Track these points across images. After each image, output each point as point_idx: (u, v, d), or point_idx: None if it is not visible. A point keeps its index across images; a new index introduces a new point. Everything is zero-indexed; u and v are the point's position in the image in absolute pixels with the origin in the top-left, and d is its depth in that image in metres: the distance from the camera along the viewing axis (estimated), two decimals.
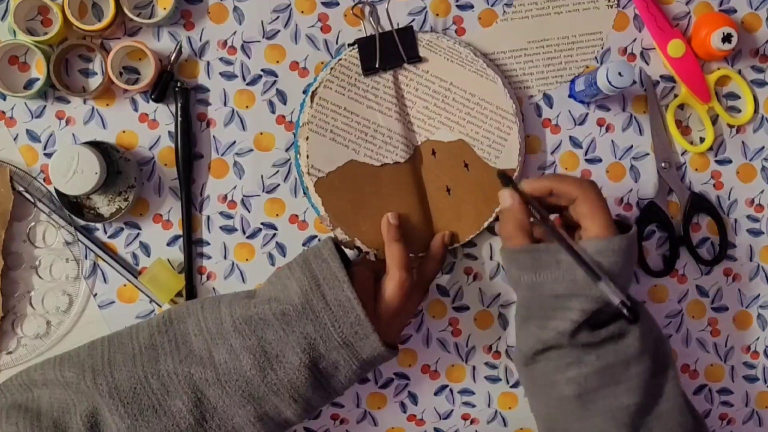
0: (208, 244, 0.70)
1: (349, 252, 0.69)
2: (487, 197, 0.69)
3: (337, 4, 0.69)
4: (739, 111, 0.73)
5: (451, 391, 0.72)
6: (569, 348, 0.59)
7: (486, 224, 0.69)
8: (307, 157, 0.67)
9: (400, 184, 0.68)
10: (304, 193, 0.69)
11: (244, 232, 0.70)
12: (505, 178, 0.62)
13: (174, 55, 0.67)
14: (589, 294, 0.57)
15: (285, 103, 0.69)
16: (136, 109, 0.69)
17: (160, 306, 0.69)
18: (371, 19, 0.69)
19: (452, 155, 0.69)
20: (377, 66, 0.68)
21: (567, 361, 0.59)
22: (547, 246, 0.58)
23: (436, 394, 0.72)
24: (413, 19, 0.70)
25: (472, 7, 0.70)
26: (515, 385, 0.73)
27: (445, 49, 0.68)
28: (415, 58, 0.68)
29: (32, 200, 0.68)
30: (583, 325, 0.58)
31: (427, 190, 0.69)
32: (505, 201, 0.61)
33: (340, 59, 0.68)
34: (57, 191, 0.66)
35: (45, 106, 0.68)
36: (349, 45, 0.68)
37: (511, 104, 0.68)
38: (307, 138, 0.67)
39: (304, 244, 0.70)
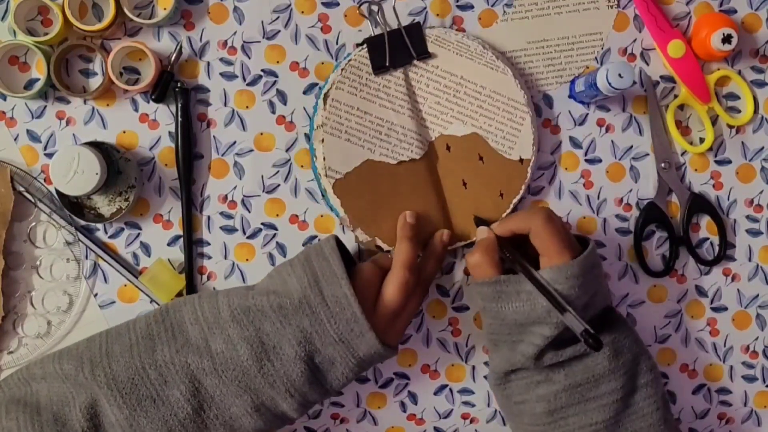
0: (209, 244, 0.70)
1: (352, 251, 0.69)
2: (503, 188, 0.69)
3: (338, 4, 0.69)
4: (739, 111, 0.73)
5: (450, 390, 0.73)
6: (537, 369, 0.62)
7: (504, 216, 0.69)
8: (324, 159, 0.67)
9: (417, 180, 0.68)
10: (323, 195, 0.69)
11: (244, 233, 0.70)
12: (480, 221, 0.68)
13: (174, 55, 0.67)
14: (550, 321, 0.59)
15: (285, 104, 0.70)
16: (136, 110, 0.69)
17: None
18: (377, 17, 0.69)
19: (467, 149, 0.69)
20: (387, 64, 0.68)
21: (537, 380, 0.62)
22: (509, 278, 0.61)
23: (435, 393, 0.73)
24: (414, 20, 0.70)
25: (472, 7, 0.70)
26: None
27: (454, 44, 0.68)
28: (425, 54, 0.68)
29: (33, 200, 0.68)
30: (549, 346, 0.60)
31: (444, 185, 0.69)
32: (482, 234, 0.65)
33: (349, 60, 0.68)
34: (57, 191, 0.67)
35: (45, 107, 0.68)
36: (358, 45, 0.68)
37: (522, 95, 0.68)
38: (323, 140, 0.67)
39: (304, 244, 0.70)
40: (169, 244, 0.70)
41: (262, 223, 0.70)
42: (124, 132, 0.69)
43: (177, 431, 0.58)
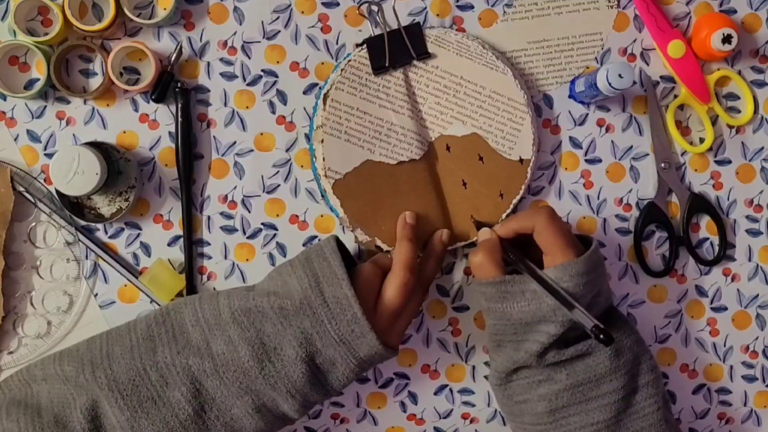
0: (209, 244, 0.70)
1: (352, 252, 0.69)
2: (503, 188, 0.69)
3: (338, 4, 0.69)
4: (739, 111, 0.73)
5: (450, 390, 0.73)
6: (539, 367, 0.62)
7: (504, 216, 0.69)
8: (323, 159, 0.67)
9: (416, 181, 0.68)
10: (323, 195, 0.69)
11: (244, 233, 0.70)
12: (479, 224, 0.68)
13: (174, 55, 0.67)
14: (556, 319, 0.59)
15: (285, 104, 0.70)
16: (136, 110, 0.69)
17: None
18: (377, 17, 0.68)
19: (466, 149, 0.69)
20: (387, 65, 0.68)
21: (538, 379, 0.62)
22: (512, 278, 0.61)
23: (435, 393, 0.73)
24: (414, 20, 0.69)
25: (472, 7, 0.70)
26: None
27: (454, 44, 0.68)
28: (424, 55, 0.68)
29: (33, 200, 0.68)
30: (552, 345, 0.60)
31: (444, 185, 0.69)
32: (485, 235, 0.65)
33: (349, 60, 0.67)
34: (57, 191, 0.66)
35: (45, 107, 0.68)
36: (358, 45, 0.68)
37: (522, 95, 0.68)
38: (322, 141, 0.67)
39: (304, 244, 0.70)
40: (169, 244, 0.69)
41: (262, 223, 0.70)
42: (124, 132, 0.69)
43: None
